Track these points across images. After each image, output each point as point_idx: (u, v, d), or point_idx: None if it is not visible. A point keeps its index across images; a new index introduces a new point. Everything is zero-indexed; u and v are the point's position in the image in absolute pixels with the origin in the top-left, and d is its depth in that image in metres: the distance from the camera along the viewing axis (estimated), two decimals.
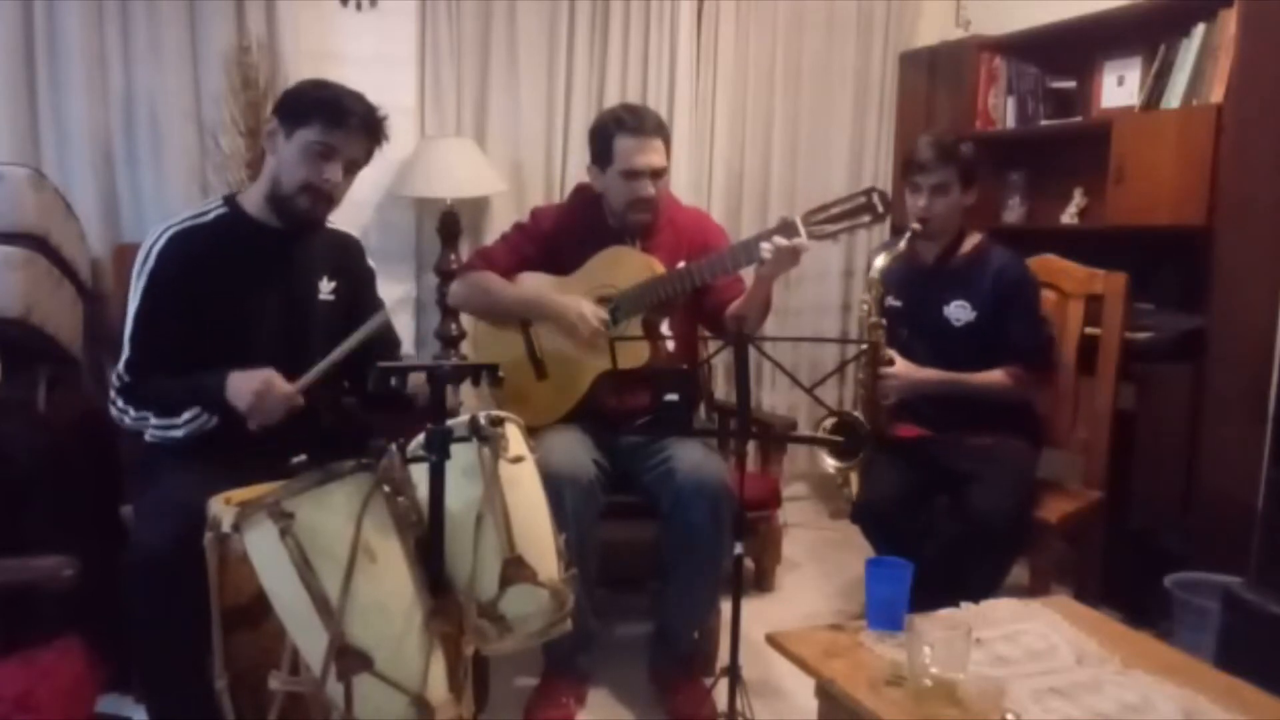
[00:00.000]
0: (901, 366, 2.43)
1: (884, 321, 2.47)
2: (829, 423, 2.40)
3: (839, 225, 2.05)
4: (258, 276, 1.97)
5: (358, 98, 1.95)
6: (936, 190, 2.43)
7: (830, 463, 2.42)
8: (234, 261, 1.95)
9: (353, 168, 1.97)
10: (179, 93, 2.73)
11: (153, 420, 1.92)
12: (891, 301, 2.54)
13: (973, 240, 2.54)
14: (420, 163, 2.91)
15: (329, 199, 1.96)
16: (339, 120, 1.90)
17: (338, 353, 1.81)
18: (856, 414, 2.48)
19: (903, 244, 2.46)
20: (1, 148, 2.52)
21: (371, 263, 2.21)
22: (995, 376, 2.43)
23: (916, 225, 2.45)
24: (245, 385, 1.82)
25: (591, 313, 2.26)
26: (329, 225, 2.12)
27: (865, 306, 2.50)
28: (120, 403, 1.92)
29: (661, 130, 2.33)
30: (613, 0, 3.21)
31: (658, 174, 2.31)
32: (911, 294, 2.54)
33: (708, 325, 2.40)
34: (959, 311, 2.47)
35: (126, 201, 2.71)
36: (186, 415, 1.90)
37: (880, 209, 2.02)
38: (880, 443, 2.44)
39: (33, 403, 2.18)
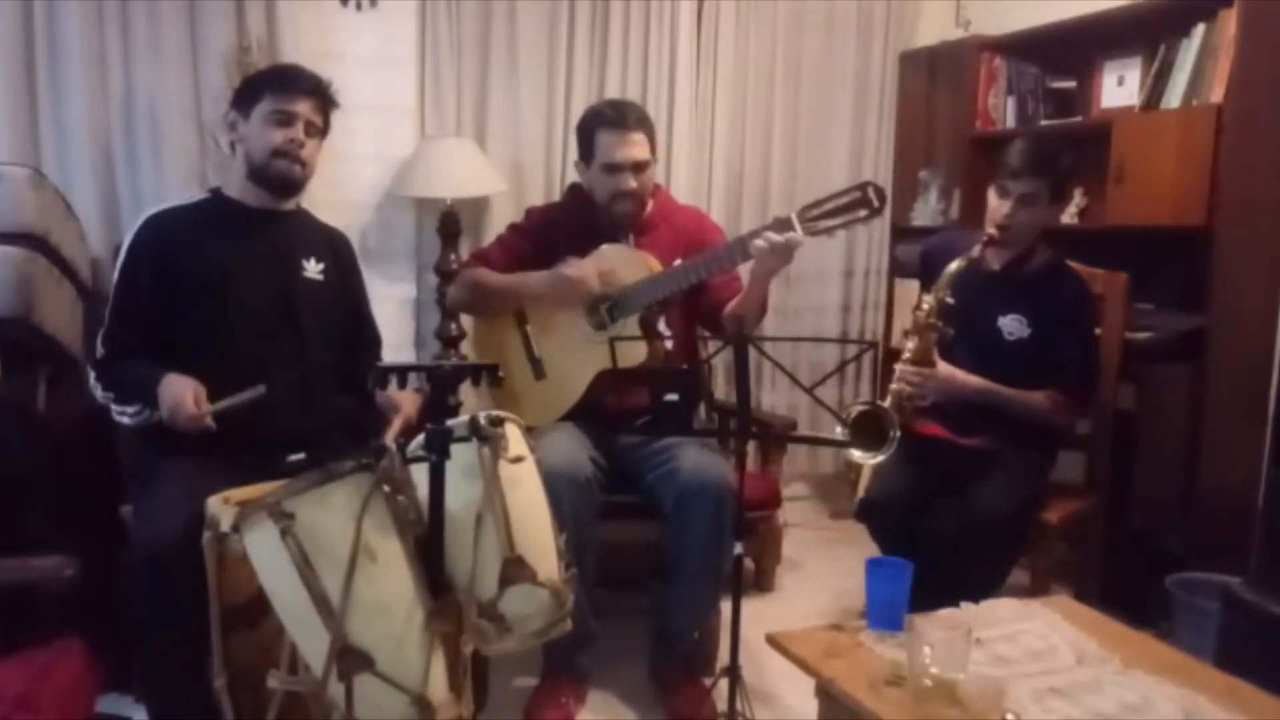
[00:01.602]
0: (944, 369, 2.35)
1: (940, 324, 2.34)
2: (857, 409, 2.27)
3: (835, 220, 2.04)
4: (238, 250, 2.04)
5: (300, 67, 2.10)
6: (1024, 200, 2.30)
7: (857, 455, 2.26)
8: (214, 236, 2.03)
9: (313, 131, 2.06)
10: (179, 93, 2.73)
11: (113, 404, 2.00)
12: (945, 298, 2.35)
13: (1044, 255, 2.44)
14: (420, 163, 2.91)
15: (301, 162, 2.05)
16: (288, 86, 2.03)
17: (249, 394, 1.88)
18: (885, 405, 2.38)
19: (977, 250, 2.33)
20: (1, 148, 2.52)
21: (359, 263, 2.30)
22: (1036, 399, 2.35)
23: (994, 231, 2.33)
24: (165, 395, 1.86)
25: (584, 268, 2.25)
26: (317, 218, 2.22)
27: (926, 305, 2.34)
28: (94, 376, 1.99)
29: (644, 124, 2.33)
30: (613, 0, 3.21)
31: (639, 167, 2.31)
32: (967, 296, 2.37)
33: (705, 324, 2.40)
34: (1014, 325, 2.39)
35: (126, 201, 2.71)
36: (133, 408, 1.98)
37: (876, 203, 2.00)
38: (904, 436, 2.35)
39: (33, 403, 2.19)
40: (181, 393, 1.84)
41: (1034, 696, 1.47)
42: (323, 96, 2.07)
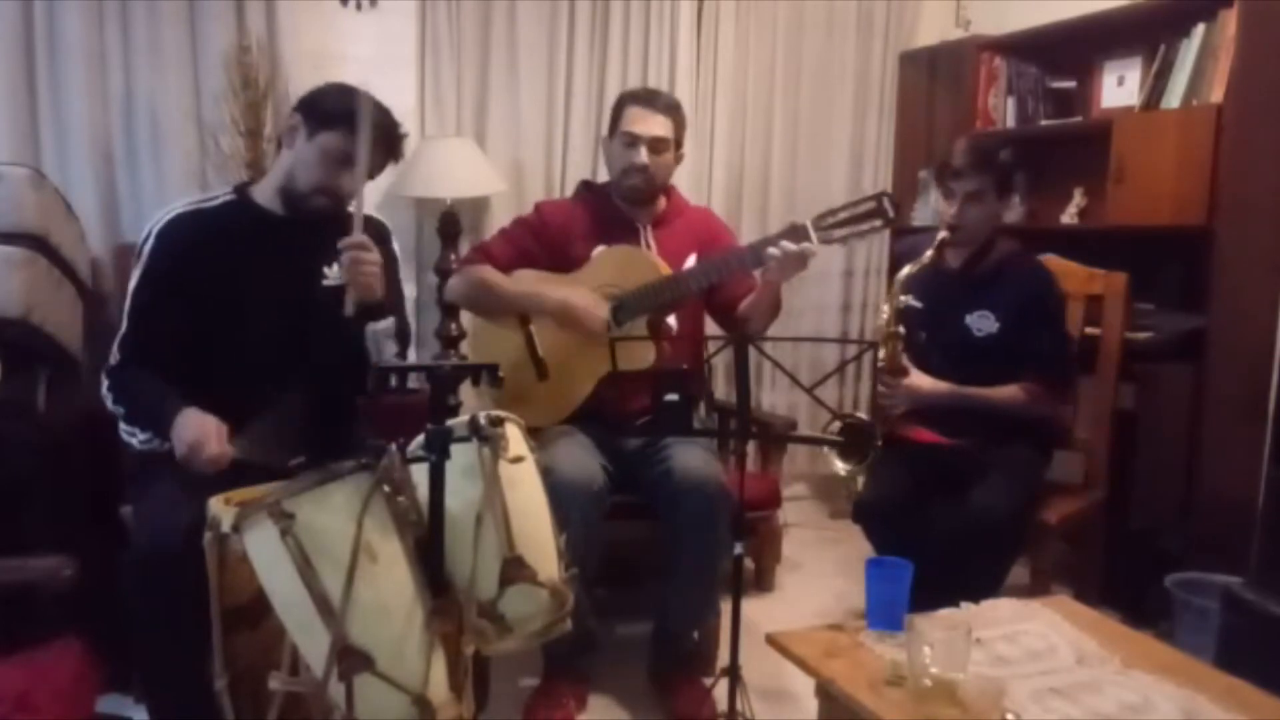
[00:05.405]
0: (915, 378, 2.39)
1: (901, 331, 2.40)
2: (836, 426, 2.35)
3: (849, 230, 2.05)
4: (259, 263, 1.98)
5: (384, 111, 1.94)
6: (970, 198, 2.36)
7: (839, 465, 2.35)
8: (235, 247, 1.96)
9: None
10: (179, 93, 2.73)
11: (122, 422, 1.93)
12: (911, 302, 2.42)
13: (1004, 248, 2.47)
14: (420, 163, 2.91)
15: (340, 199, 1.97)
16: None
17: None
18: (864, 416, 2.46)
19: (929, 253, 2.38)
20: (1, 148, 2.52)
21: (397, 247, 2.14)
22: (1010, 392, 2.38)
23: (945, 233, 2.38)
24: (184, 431, 1.78)
25: (595, 303, 2.24)
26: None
27: (884, 314, 2.43)
28: (106, 384, 1.93)
29: (672, 110, 2.36)
30: (613, 0, 3.21)
31: (656, 146, 2.32)
32: (933, 298, 2.44)
33: (719, 321, 2.41)
34: (981, 322, 2.41)
35: (126, 201, 2.71)
36: (142, 434, 1.91)
37: (890, 214, 2.02)
38: (887, 442, 2.40)
39: (33, 403, 2.18)
40: (204, 432, 1.76)
41: (1034, 696, 1.47)
42: (391, 149, 1.98)
